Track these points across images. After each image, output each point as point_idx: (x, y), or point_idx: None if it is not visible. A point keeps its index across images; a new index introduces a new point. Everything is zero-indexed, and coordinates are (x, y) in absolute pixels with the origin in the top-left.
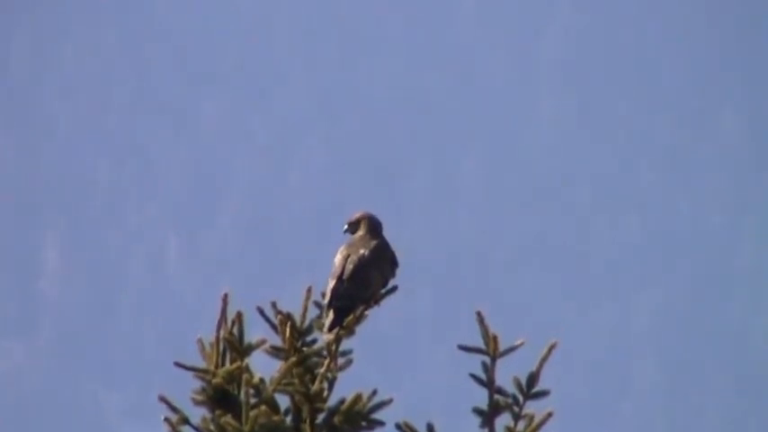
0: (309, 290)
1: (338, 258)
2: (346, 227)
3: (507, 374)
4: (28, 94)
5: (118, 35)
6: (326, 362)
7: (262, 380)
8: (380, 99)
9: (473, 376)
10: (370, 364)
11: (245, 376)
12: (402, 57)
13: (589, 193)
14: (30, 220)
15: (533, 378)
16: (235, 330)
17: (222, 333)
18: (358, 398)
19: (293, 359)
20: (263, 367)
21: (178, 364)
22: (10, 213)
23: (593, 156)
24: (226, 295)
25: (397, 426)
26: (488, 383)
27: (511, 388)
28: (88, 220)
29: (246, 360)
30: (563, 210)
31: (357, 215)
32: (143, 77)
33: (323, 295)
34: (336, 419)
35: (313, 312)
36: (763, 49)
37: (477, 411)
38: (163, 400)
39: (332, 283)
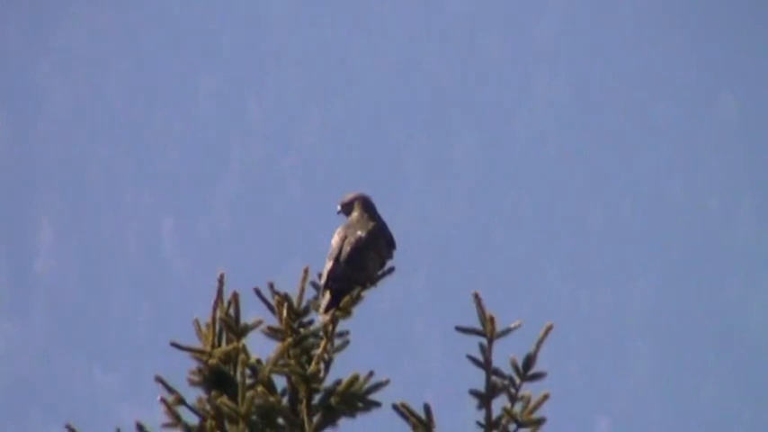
0: (306, 271)
1: (335, 240)
2: (339, 208)
3: (504, 356)
4: (23, 73)
5: (115, 15)
6: (323, 343)
7: (258, 360)
8: (376, 81)
9: (470, 358)
10: (367, 345)
11: (241, 357)
12: (398, 38)
13: (586, 176)
14: (25, 201)
15: (530, 360)
16: (231, 311)
17: (218, 313)
18: (354, 379)
19: (290, 340)
20: (260, 348)
21: (174, 344)
22: (5, 194)
23: (589, 138)
24: (222, 275)
25: (394, 407)
26: (485, 365)
27: (508, 369)
28: (83, 201)
29: (243, 341)
30: (559, 191)
31: (350, 196)
32: (139, 58)
33: (320, 276)
34: (333, 400)
35: (310, 293)
36: (761, 33)
37: (474, 393)
38: (159, 380)
39: (329, 265)
